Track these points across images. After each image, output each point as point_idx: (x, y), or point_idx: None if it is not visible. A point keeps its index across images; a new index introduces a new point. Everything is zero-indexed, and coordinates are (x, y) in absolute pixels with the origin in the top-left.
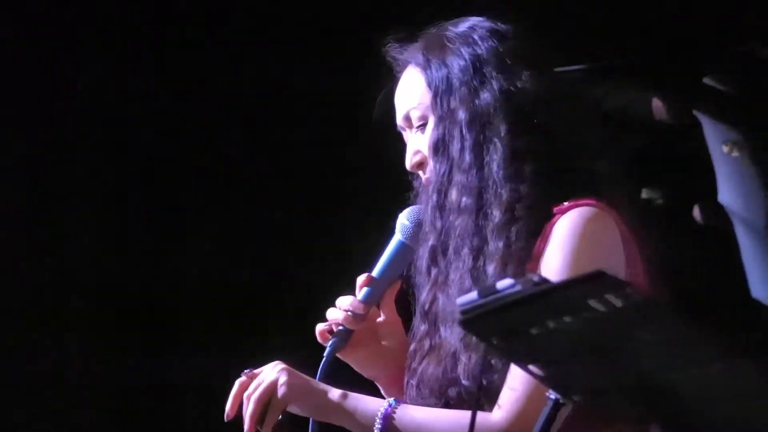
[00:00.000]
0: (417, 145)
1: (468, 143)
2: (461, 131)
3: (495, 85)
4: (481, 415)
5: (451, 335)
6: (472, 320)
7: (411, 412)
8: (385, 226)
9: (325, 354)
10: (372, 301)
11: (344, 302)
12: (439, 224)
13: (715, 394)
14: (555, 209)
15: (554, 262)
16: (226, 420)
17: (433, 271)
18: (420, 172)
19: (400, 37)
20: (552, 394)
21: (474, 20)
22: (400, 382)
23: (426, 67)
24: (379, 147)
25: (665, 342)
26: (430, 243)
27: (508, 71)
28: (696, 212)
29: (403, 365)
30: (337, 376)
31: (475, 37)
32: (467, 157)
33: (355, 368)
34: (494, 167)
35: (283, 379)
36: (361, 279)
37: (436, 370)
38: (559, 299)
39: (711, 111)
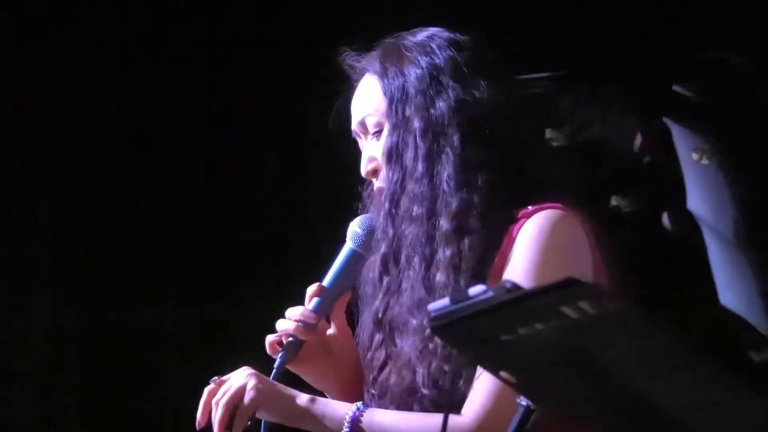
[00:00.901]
0: (372, 152)
1: (421, 152)
2: (415, 140)
3: (451, 94)
4: (450, 418)
5: (406, 344)
6: (443, 327)
7: (378, 416)
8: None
9: (275, 366)
10: (323, 310)
11: (294, 312)
12: (390, 232)
13: (686, 403)
14: (520, 213)
15: (521, 264)
16: (198, 429)
17: (386, 280)
18: (374, 180)
19: (357, 46)
20: (523, 401)
21: (432, 30)
22: (352, 394)
23: (383, 75)
24: (332, 155)
25: (637, 349)
26: (382, 251)
27: (464, 81)
28: (664, 220)
29: (354, 376)
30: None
31: (433, 46)
32: (420, 166)
33: (306, 380)
34: (444, 177)
35: (251, 383)
36: (311, 289)
37: (395, 381)
38: (531, 306)
39: (681, 119)
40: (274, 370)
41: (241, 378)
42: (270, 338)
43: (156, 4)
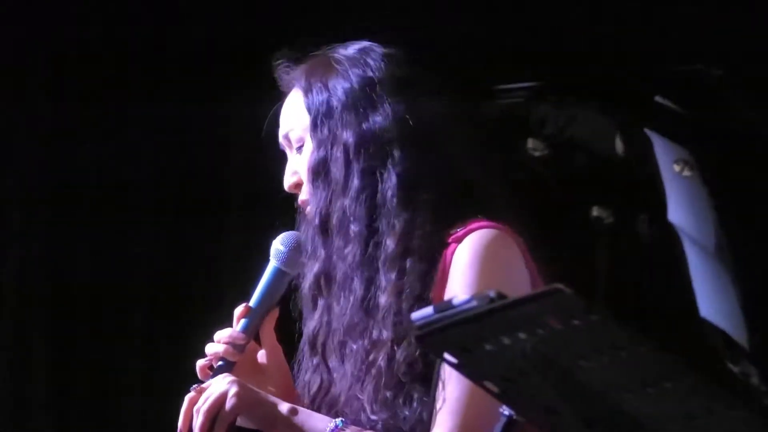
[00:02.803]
0: (294, 166)
1: (356, 168)
2: (347, 155)
3: (388, 108)
4: None
5: (344, 369)
6: (427, 336)
7: None
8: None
9: None
10: (251, 330)
11: (223, 335)
12: (322, 252)
13: (661, 415)
14: (450, 238)
15: (462, 289)
16: None
17: (320, 301)
18: (298, 193)
19: (290, 56)
20: (506, 410)
21: (366, 43)
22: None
23: (307, 90)
24: (258, 168)
25: (617, 360)
26: (315, 271)
27: (402, 94)
28: (645, 231)
29: (286, 393)
30: None
31: (367, 59)
32: (355, 182)
33: None
34: (388, 194)
35: (233, 390)
36: (238, 310)
37: (337, 405)
38: (515, 316)
39: (661, 131)
40: None
41: (222, 385)
42: (200, 363)
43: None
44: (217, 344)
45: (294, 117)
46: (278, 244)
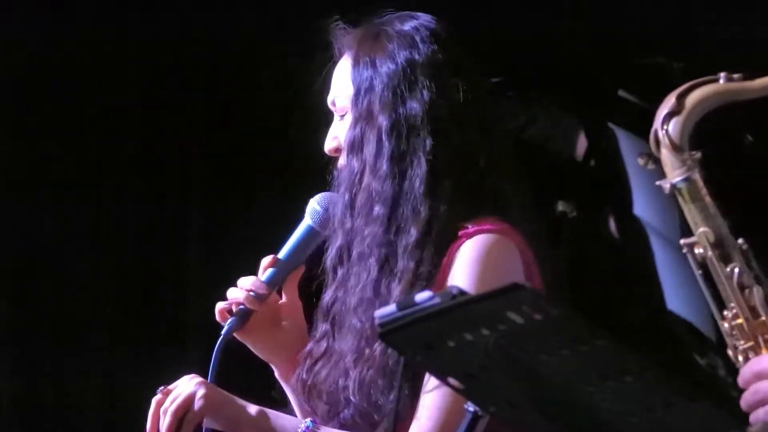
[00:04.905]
0: (336, 131)
1: (386, 150)
2: (380, 137)
3: (425, 95)
4: None
5: (345, 344)
6: (390, 333)
7: None
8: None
9: (222, 332)
10: (275, 282)
11: (246, 282)
12: (348, 224)
13: (621, 409)
14: (460, 232)
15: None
16: None
17: (339, 271)
18: (338, 157)
19: (347, 20)
20: (470, 407)
21: (421, 20)
22: (295, 367)
23: (355, 62)
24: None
25: (578, 355)
26: (338, 242)
27: (441, 81)
28: (611, 225)
29: (299, 351)
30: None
31: (417, 39)
32: (384, 165)
33: (252, 349)
34: (416, 182)
35: (201, 392)
36: (266, 260)
37: (327, 378)
38: (477, 312)
39: (626, 124)
40: (222, 337)
41: (190, 386)
42: (220, 305)
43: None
44: (240, 290)
45: (341, 85)
46: (315, 204)
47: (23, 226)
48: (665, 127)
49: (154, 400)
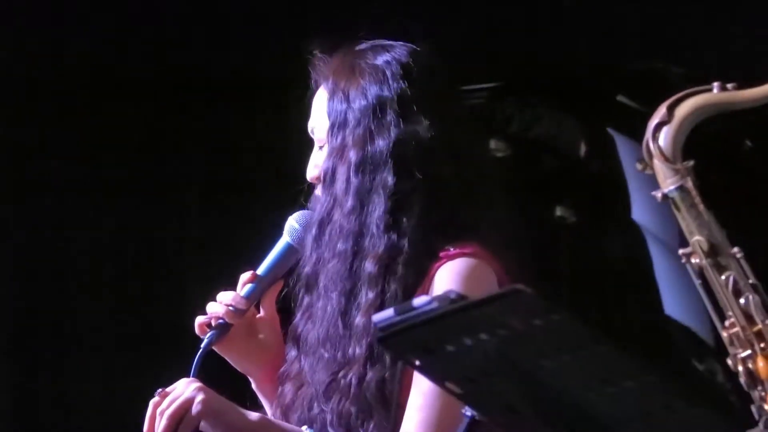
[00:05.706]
0: (317, 160)
1: (353, 186)
2: (348, 173)
3: (392, 132)
4: None
5: (315, 375)
6: (389, 338)
7: None
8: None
9: (202, 345)
10: (254, 297)
11: (226, 297)
12: (314, 255)
13: (621, 414)
14: (442, 253)
15: None
16: None
17: (306, 299)
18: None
19: (324, 47)
20: (468, 411)
21: (394, 52)
22: (273, 380)
23: (331, 94)
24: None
25: (578, 360)
26: (305, 271)
27: (409, 118)
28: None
29: (277, 363)
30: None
31: (388, 74)
32: (350, 200)
33: (231, 362)
34: (374, 216)
35: (199, 397)
36: (245, 276)
37: (301, 406)
38: (476, 316)
39: (624, 130)
40: (201, 350)
41: (189, 390)
42: (200, 319)
43: None
44: (219, 305)
45: (318, 116)
46: (293, 221)
47: (23, 226)
48: (656, 137)
49: (151, 403)
